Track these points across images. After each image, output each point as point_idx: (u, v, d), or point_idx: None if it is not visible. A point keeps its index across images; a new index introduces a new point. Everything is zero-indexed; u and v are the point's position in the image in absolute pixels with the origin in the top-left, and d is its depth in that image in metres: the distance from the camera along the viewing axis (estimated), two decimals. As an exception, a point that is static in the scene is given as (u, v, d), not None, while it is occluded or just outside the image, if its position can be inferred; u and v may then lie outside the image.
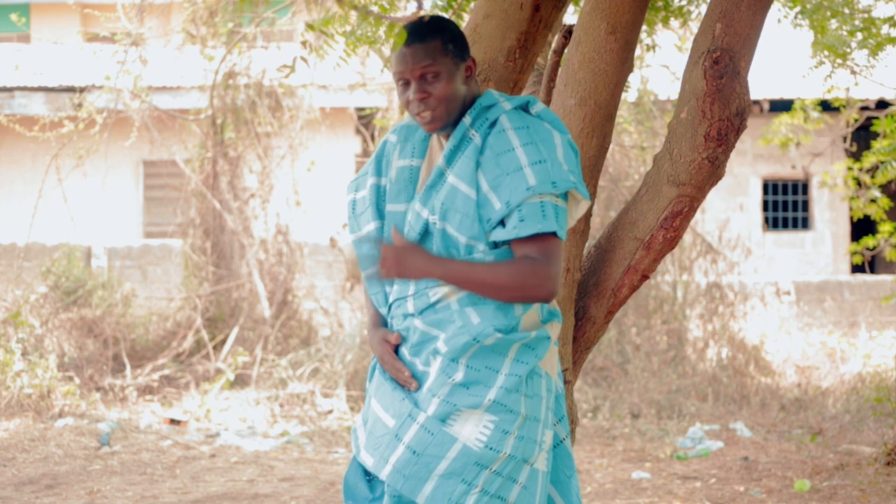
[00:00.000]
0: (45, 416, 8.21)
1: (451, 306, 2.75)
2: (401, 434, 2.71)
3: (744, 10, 3.23)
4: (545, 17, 3.47)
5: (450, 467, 2.67)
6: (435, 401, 2.71)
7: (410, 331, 2.80)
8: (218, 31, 10.14)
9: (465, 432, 2.69)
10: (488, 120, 2.80)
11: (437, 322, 2.75)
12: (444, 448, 2.68)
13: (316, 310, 11.04)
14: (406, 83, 2.80)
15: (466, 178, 2.74)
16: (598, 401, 9.01)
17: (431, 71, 2.77)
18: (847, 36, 5.87)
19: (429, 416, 2.70)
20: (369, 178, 2.96)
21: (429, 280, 2.75)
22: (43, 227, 11.76)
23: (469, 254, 2.75)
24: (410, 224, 2.81)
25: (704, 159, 3.28)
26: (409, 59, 2.77)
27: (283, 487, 6.43)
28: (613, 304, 3.47)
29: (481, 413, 2.70)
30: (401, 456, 2.69)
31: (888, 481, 6.36)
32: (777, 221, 15.37)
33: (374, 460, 2.75)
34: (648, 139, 10.04)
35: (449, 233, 2.75)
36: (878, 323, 12.43)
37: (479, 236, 2.73)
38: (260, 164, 11.19)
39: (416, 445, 2.69)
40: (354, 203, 2.98)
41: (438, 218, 2.75)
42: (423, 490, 2.67)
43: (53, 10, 16.98)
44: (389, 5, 4.62)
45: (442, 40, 2.80)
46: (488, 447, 2.68)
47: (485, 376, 2.71)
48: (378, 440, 2.76)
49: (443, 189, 2.78)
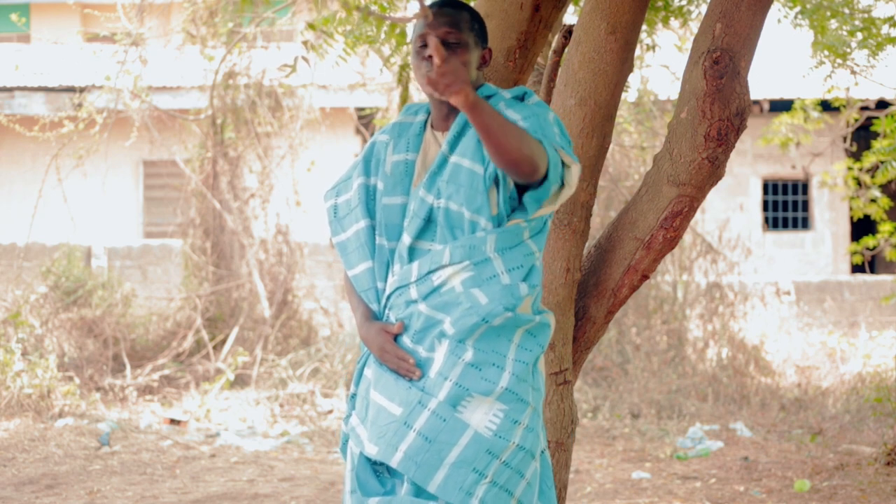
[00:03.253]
0: (45, 416, 8.21)
1: (456, 288, 2.76)
2: (410, 421, 2.70)
3: (744, 10, 3.23)
4: (545, 17, 3.47)
5: (461, 455, 2.67)
6: (447, 384, 2.71)
7: (414, 317, 2.80)
8: (218, 31, 10.13)
9: (475, 419, 2.70)
10: None
11: (443, 305, 2.77)
12: (457, 434, 2.68)
13: (316, 310, 11.04)
14: (425, 45, 2.82)
15: (469, 154, 2.78)
16: (598, 401, 9.01)
17: (455, 38, 2.81)
18: (847, 36, 5.88)
19: (440, 402, 2.70)
20: (355, 179, 2.98)
21: (432, 264, 2.77)
22: (43, 227, 11.75)
23: (472, 230, 2.77)
24: (414, 212, 2.83)
25: (704, 159, 3.29)
26: (437, 20, 2.80)
27: (283, 487, 6.43)
28: (613, 304, 3.47)
29: (492, 401, 2.71)
30: (412, 443, 2.68)
31: (888, 481, 6.36)
32: (777, 221, 15.37)
33: (379, 448, 2.73)
34: (648, 139, 10.04)
35: (452, 210, 2.77)
36: (878, 323, 12.43)
37: (481, 209, 2.76)
38: (260, 164, 11.19)
39: (428, 432, 2.68)
40: (336, 207, 3.01)
41: (444, 198, 2.78)
42: (434, 478, 2.66)
43: (53, 10, 16.97)
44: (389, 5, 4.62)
45: (470, 16, 2.86)
46: (498, 435, 2.69)
47: (493, 358, 2.73)
48: (383, 429, 2.74)
49: (445, 170, 2.81)
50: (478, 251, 2.76)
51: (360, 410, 2.88)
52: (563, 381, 3.44)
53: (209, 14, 10.06)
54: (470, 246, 2.76)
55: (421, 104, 3.03)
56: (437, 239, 2.81)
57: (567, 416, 3.45)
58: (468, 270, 2.77)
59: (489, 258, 2.76)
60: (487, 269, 2.76)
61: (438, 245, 2.81)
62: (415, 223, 2.82)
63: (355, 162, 3.05)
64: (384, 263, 2.90)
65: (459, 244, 2.77)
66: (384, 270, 2.90)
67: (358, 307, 2.95)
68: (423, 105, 3.01)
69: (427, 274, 2.78)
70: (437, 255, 2.79)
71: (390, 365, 2.80)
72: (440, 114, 2.91)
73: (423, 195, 2.82)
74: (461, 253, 2.76)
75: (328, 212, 3.03)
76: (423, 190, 2.83)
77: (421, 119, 2.96)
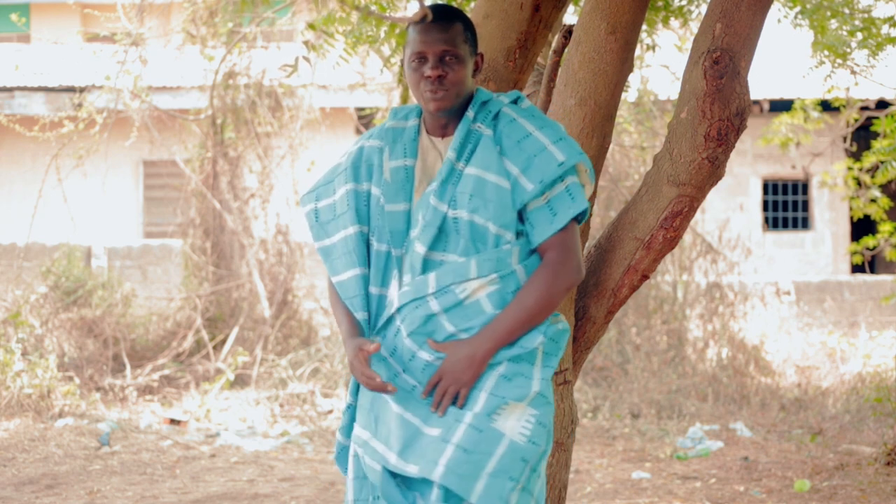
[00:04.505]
0: (45, 416, 8.21)
1: (482, 304, 2.78)
2: (448, 437, 2.71)
3: (744, 10, 3.23)
4: (545, 17, 3.47)
5: (498, 465, 2.68)
6: (482, 396, 2.73)
7: (437, 333, 2.80)
8: (218, 31, 10.13)
9: (508, 426, 2.72)
10: (491, 112, 2.86)
11: (466, 318, 2.78)
12: (494, 444, 2.69)
13: (316, 310, 11.04)
14: (422, 61, 2.83)
15: (494, 167, 2.79)
16: (598, 401, 9.01)
17: (453, 53, 2.82)
18: (847, 36, 5.87)
19: (476, 413, 2.71)
20: (342, 185, 2.95)
21: (455, 277, 2.77)
22: (43, 227, 11.75)
23: (496, 245, 2.79)
24: (426, 221, 2.80)
25: (704, 159, 3.28)
26: (433, 37, 2.81)
27: (283, 487, 6.43)
28: (613, 304, 3.47)
29: (525, 406, 2.74)
30: (451, 455, 2.68)
31: (888, 481, 6.36)
32: (777, 221, 15.37)
33: (419, 467, 2.72)
34: (648, 139, 10.04)
35: (477, 224, 2.78)
36: (878, 323, 12.43)
37: (509, 224, 2.79)
38: (260, 164, 11.19)
39: (467, 444, 2.69)
40: (317, 212, 2.99)
41: (466, 210, 2.77)
42: (475, 489, 2.67)
43: (53, 10, 16.97)
44: (389, 5, 4.62)
45: (463, 27, 2.87)
46: (531, 441, 2.73)
47: (524, 368, 2.78)
48: (422, 448, 2.73)
49: (463, 182, 2.80)
50: (504, 264, 2.78)
51: (367, 424, 2.84)
52: (564, 381, 3.44)
53: (209, 14, 10.05)
54: (497, 259, 2.78)
55: (409, 107, 3.00)
56: (451, 249, 2.80)
57: (567, 416, 3.45)
58: (494, 284, 2.78)
59: (514, 271, 2.79)
60: (512, 283, 2.79)
61: (455, 256, 2.80)
62: (428, 232, 2.80)
63: (336, 167, 3.01)
64: (382, 269, 2.88)
65: (486, 257, 2.78)
66: (381, 276, 2.88)
67: (342, 321, 2.93)
68: (412, 108, 2.99)
69: (448, 286, 2.78)
70: (460, 267, 2.78)
71: (359, 380, 2.81)
72: (437, 122, 2.90)
73: (436, 204, 2.80)
74: (490, 266, 2.78)
75: (308, 216, 3.00)
76: (434, 198, 2.80)
77: (413, 123, 2.94)
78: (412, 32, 2.84)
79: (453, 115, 2.88)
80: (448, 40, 2.82)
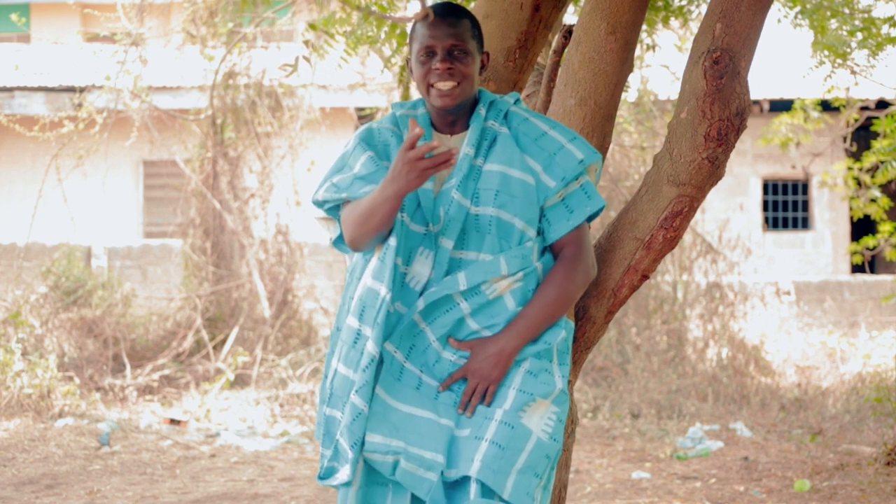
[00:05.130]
0: (45, 416, 8.21)
1: (506, 302, 2.80)
2: (480, 434, 2.72)
3: (744, 10, 3.23)
4: (545, 17, 3.48)
5: (527, 461, 2.71)
6: (511, 392, 2.75)
7: (461, 329, 2.79)
8: (218, 31, 10.14)
9: (533, 423, 2.74)
10: (501, 111, 2.89)
11: (491, 315, 2.79)
12: (523, 441, 2.71)
13: (316, 310, 11.04)
14: (430, 55, 2.83)
15: (517, 164, 2.82)
16: (598, 401, 9.01)
17: (461, 47, 2.83)
18: (847, 36, 5.87)
19: (506, 410, 2.73)
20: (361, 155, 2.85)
21: (486, 274, 2.76)
22: (43, 227, 11.75)
23: (520, 241, 2.81)
24: (450, 215, 2.77)
25: (704, 159, 3.28)
26: (442, 31, 2.82)
27: (283, 487, 6.43)
28: (613, 304, 3.47)
29: (549, 403, 2.78)
30: (487, 451, 2.69)
31: (888, 481, 6.36)
32: (777, 221, 15.37)
33: (456, 469, 2.71)
34: (648, 139, 10.04)
35: (504, 220, 2.79)
36: (878, 323, 12.43)
37: (533, 220, 2.83)
38: (260, 164, 11.19)
39: (501, 440, 2.70)
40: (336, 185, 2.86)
41: (493, 206, 2.78)
42: (506, 485, 2.69)
43: (53, 10, 16.98)
44: (389, 6, 4.62)
45: (471, 23, 2.89)
46: (553, 438, 2.77)
47: (545, 365, 2.81)
48: (457, 450, 2.73)
49: (485, 178, 2.80)
50: (528, 261, 2.81)
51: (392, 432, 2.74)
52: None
53: (209, 14, 10.06)
54: (522, 256, 2.80)
55: (414, 101, 3.00)
56: (474, 247, 2.79)
57: (567, 416, 3.45)
58: (519, 281, 2.80)
59: (535, 268, 2.83)
60: (533, 280, 2.83)
61: (477, 253, 2.79)
62: (454, 228, 2.77)
63: (343, 154, 2.92)
64: (410, 248, 2.78)
65: (514, 254, 2.79)
66: (407, 254, 2.79)
67: (363, 201, 2.73)
68: (416, 102, 2.98)
69: (478, 285, 2.76)
70: (489, 265, 2.76)
71: (427, 164, 2.58)
72: (443, 120, 2.90)
73: (459, 198, 2.78)
74: (517, 263, 2.79)
75: (328, 190, 2.87)
76: (456, 192, 2.78)
77: (423, 112, 2.92)
78: (419, 29, 2.84)
79: (460, 113, 2.88)
80: (457, 35, 2.82)
